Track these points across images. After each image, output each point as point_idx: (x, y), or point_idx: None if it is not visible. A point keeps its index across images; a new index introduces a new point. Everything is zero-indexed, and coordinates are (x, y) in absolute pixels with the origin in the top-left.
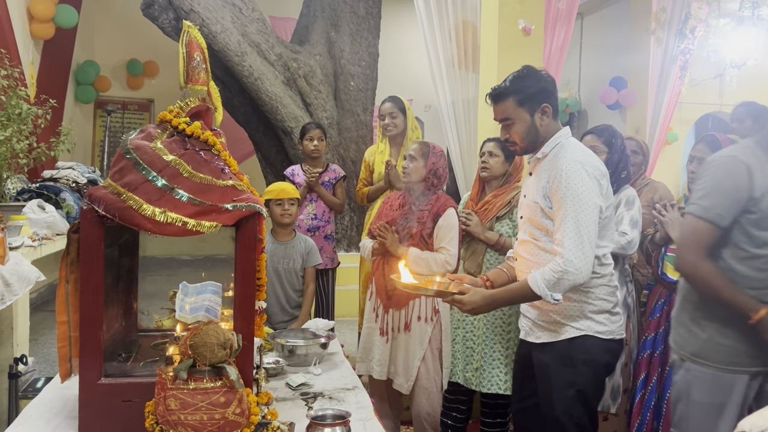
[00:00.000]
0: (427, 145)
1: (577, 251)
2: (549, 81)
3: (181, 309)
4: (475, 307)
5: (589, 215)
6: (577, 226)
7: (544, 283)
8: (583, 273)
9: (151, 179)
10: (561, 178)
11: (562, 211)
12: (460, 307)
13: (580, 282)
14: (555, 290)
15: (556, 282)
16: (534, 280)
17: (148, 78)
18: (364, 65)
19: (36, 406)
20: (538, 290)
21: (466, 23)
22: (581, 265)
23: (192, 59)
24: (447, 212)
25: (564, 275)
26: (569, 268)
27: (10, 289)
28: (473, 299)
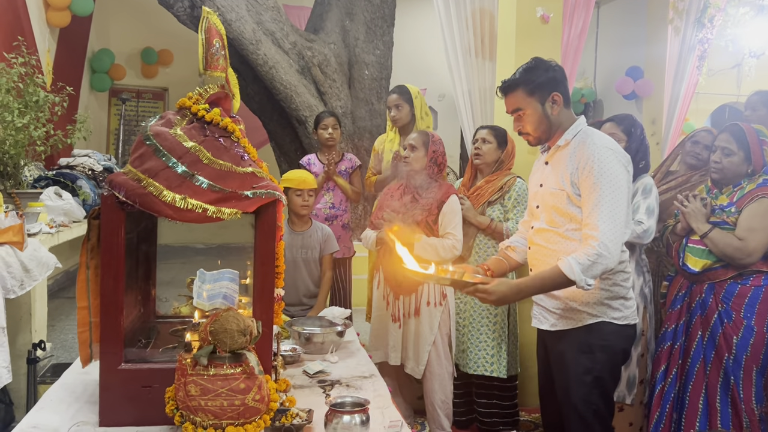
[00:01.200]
0: (427, 134)
1: (611, 235)
2: (558, 70)
3: (199, 296)
4: (501, 296)
5: (622, 200)
6: (611, 211)
7: (579, 268)
8: (615, 257)
9: (171, 166)
10: (593, 164)
11: (595, 195)
12: (484, 296)
13: (611, 267)
14: (589, 275)
15: (590, 266)
16: (568, 265)
17: (163, 66)
18: (379, 54)
19: (57, 390)
20: (572, 275)
21: (484, 11)
22: (615, 249)
23: (211, 45)
24: (450, 199)
25: (599, 259)
26: (604, 251)
27: (30, 274)
28: (500, 289)
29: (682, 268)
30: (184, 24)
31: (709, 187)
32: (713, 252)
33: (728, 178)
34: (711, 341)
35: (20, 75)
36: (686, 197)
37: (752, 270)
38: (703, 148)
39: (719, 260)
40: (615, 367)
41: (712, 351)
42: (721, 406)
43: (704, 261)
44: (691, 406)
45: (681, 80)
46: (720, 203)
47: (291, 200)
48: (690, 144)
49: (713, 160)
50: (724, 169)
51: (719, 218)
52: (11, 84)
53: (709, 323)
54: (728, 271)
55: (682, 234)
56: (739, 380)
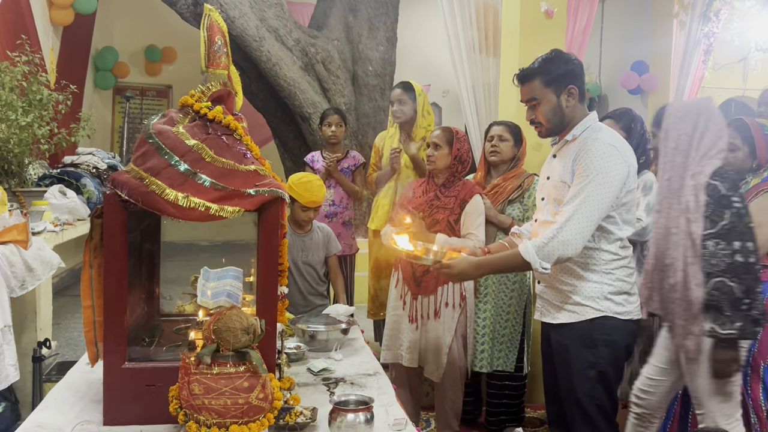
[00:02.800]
0: (451, 131)
1: (576, 225)
2: (576, 64)
3: (203, 294)
4: (461, 271)
5: (605, 197)
6: (588, 203)
7: (534, 249)
8: (572, 246)
9: (173, 164)
10: (590, 155)
11: (580, 184)
12: (447, 273)
13: (568, 255)
14: (542, 256)
15: (543, 246)
16: (524, 247)
17: (167, 64)
18: (383, 50)
19: (61, 389)
20: (527, 256)
21: (488, 6)
22: (573, 237)
23: (213, 43)
24: (474, 198)
25: (552, 241)
26: (560, 236)
27: (33, 273)
28: (461, 265)
29: None
30: (187, 21)
31: None
32: None
33: None
34: None
35: (24, 73)
36: None
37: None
38: None
39: None
40: (618, 362)
41: None
42: None
43: None
44: None
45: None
46: None
47: (295, 211)
48: None
49: None
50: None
51: None
52: (15, 82)
53: None
54: None
55: None
56: (747, 376)
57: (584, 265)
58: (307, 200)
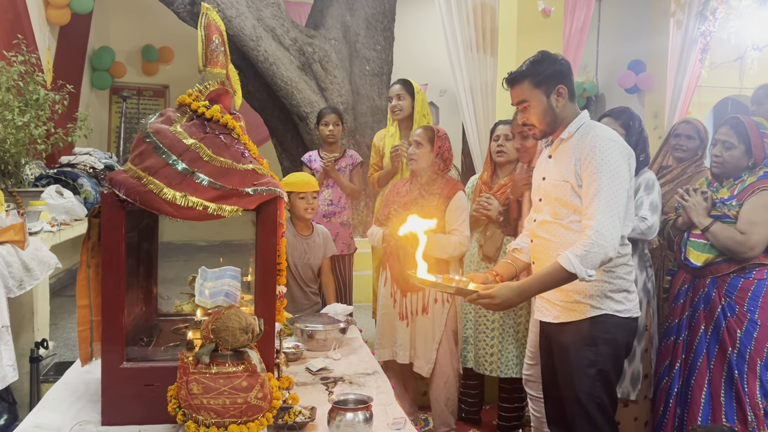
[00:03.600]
0: (432, 129)
1: (608, 224)
2: (564, 64)
3: (201, 294)
4: (505, 300)
5: (622, 192)
6: (609, 201)
7: (578, 260)
8: (612, 246)
9: (171, 163)
10: (594, 154)
11: (594, 185)
12: (488, 303)
13: (610, 256)
14: (587, 265)
15: (586, 255)
16: (567, 259)
17: (163, 64)
18: (380, 49)
19: (59, 389)
20: (572, 268)
21: (485, 5)
22: (611, 238)
23: (211, 42)
24: (457, 195)
25: (593, 247)
26: (599, 240)
27: (31, 273)
28: (503, 293)
29: (684, 263)
30: (184, 21)
31: (709, 181)
32: (715, 246)
33: (729, 172)
34: (715, 335)
35: (20, 73)
36: (687, 191)
37: (755, 263)
38: (686, 139)
39: (721, 254)
40: (618, 360)
41: (716, 345)
42: (725, 400)
43: (706, 255)
44: (694, 401)
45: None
46: (721, 196)
47: (294, 204)
48: (673, 138)
49: (714, 154)
50: (724, 162)
51: (720, 212)
52: (11, 82)
53: (713, 317)
54: (731, 264)
55: (683, 228)
56: (744, 374)
57: None
58: (300, 185)
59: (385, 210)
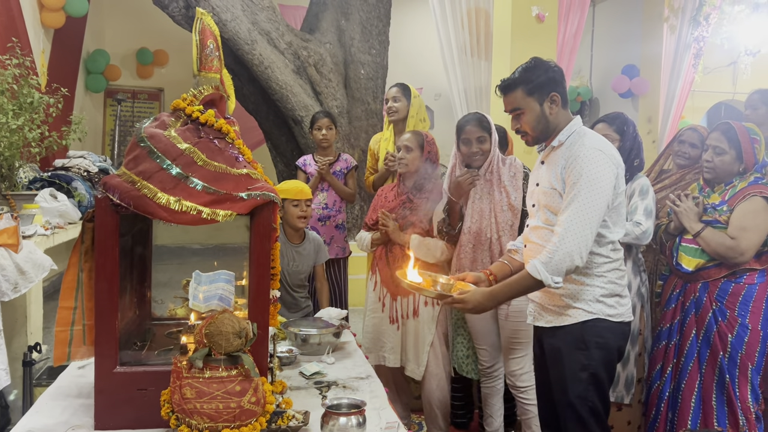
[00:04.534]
0: (421, 134)
1: (576, 233)
2: (557, 71)
3: (195, 298)
4: (477, 304)
5: (598, 202)
6: (583, 210)
7: (543, 266)
8: (578, 254)
9: (165, 168)
10: (578, 161)
11: (572, 193)
12: (462, 307)
13: (576, 264)
14: (552, 272)
15: (549, 261)
16: (533, 266)
17: (158, 67)
18: (375, 53)
19: (51, 393)
20: (537, 275)
21: (479, 10)
22: (577, 246)
23: (205, 47)
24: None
25: (556, 254)
26: (563, 247)
27: (25, 277)
28: (475, 298)
29: (675, 268)
30: (179, 24)
31: (701, 186)
32: (706, 251)
33: (720, 177)
34: (706, 340)
35: (14, 76)
36: (678, 196)
37: (745, 268)
38: (690, 146)
39: (712, 259)
40: (611, 364)
41: (707, 350)
42: (716, 404)
43: (698, 260)
44: (684, 405)
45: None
46: (712, 202)
47: (287, 211)
48: (677, 144)
49: (705, 159)
50: (715, 167)
51: (711, 217)
52: (5, 85)
53: (704, 322)
54: (722, 269)
55: (675, 233)
56: (735, 378)
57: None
58: (294, 192)
59: (373, 215)
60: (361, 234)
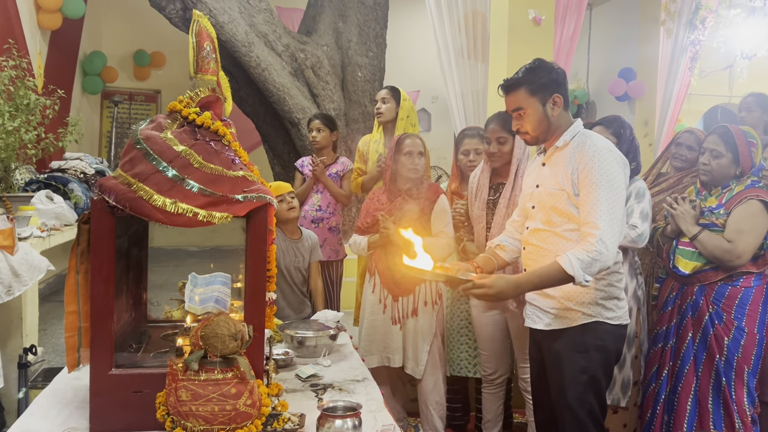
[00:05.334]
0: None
1: (610, 234)
2: (560, 72)
3: (191, 300)
4: (500, 291)
5: (620, 201)
6: (610, 210)
7: (579, 264)
8: (612, 256)
9: (161, 170)
10: (594, 163)
11: (594, 194)
12: (483, 293)
13: (608, 265)
14: (588, 272)
15: (590, 263)
16: (568, 261)
17: (155, 69)
18: (372, 56)
19: (47, 396)
20: (571, 270)
21: (476, 13)
22: (613, 247)
23: (202, 49)
24: (440, 198)
25: (599, 256)
26: (603, 249)
27: (20, 279)
28: (499, 284)
29: (672, 271)
30: (176, 26)
31: (698, 189)
32: (703, 254)
33: (717, 180)
34: (702, 343)
35: (11, 78)
36: (675, 199)
37: (742, 271)
38: (687, 149)
39: (709, 262)
40: (609, 367)
41: (704, 352)
42: (713, 407)
43: (694, 263)
44: (680, 407)
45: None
46: (709, 205)
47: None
48: (674, 147)
49: (702, 162)
50: (712, 170)
51: (708, 220)
52: (2, 87)
53: (701, 325)
54: (718, 272)
55: (671, 236)
56: (731, 381)
57: None
58: (275, 189)
59: (367, 218)
60: (355, 238)
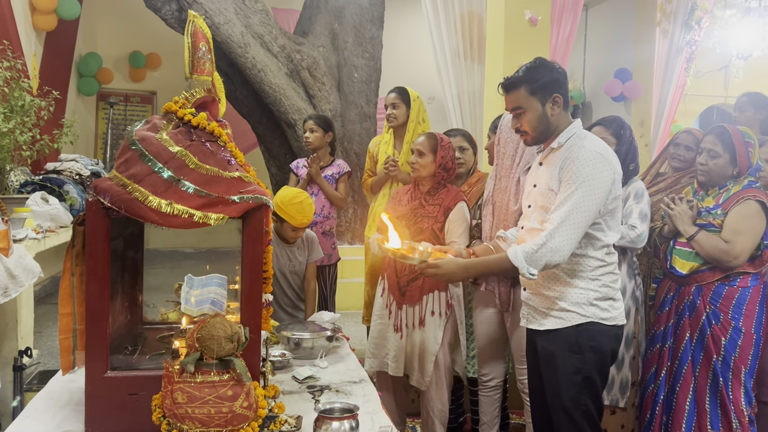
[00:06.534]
0: (435, 138)
1: (564, 232)
2: (561, 72)
3: (187, 302)
4: (448, 272)
5: (592, 204)
6: (575, 210)
7: (524, 255)
8: (561, 254)
9: (157, 171)
10: (576, 163)
11: (567, 192)
12: (434, 272)
13: (556, 261)
14: (532, 263)
15: (533, 254)
16: (513, 251)
17: (151, 70)
18: (368, 57)
19: (42, 398)
20: (516, 261)
21: (472, 14)
22: (562, 245)
23: (197, 49)
24: (458, 206)
25: (542, 249)
26: (550, 243)
27: (15, 281)
28: (449, 266)
29: (669, 271)
30: (171, 27)
31: (695, 189)
32: (700, 254)
33: (714, 180)
34: (700, 343)
35: (5, 79)
36: (672, 200)
37: (739, 272)
38: (684, 149)
39: (706, 262)
40: (604, 368)
41: (701, 352)
42: (710, 407)
43: (691, 263)
44: (678, 408)
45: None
46: (706, 205)
47: (285, 229)
48: (672, 147)
49: (699, 162)
50: (710, 171)
51: (705, 220)
52: None
53: (698, 325)
54: (715, 273)
55: (669, 236)
56: (728, 381)
57: (571, 272)
58: (299, 222)
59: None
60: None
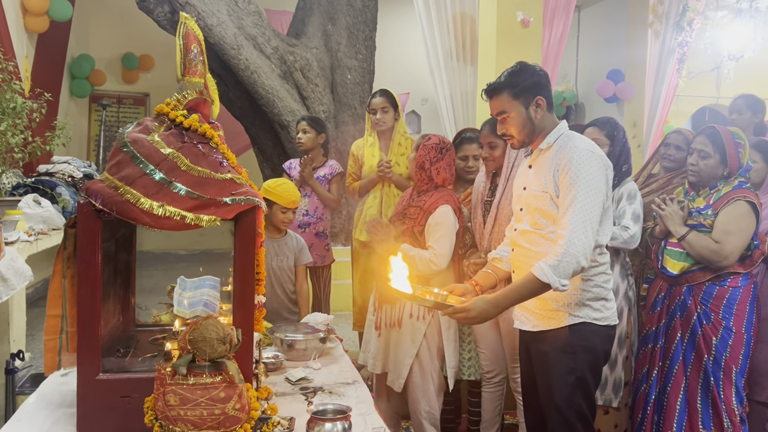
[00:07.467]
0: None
1: (580, 235)
2: (542, 75)
3: (180, 304)
4: (481, 312)
5: (596, 202)
6: (583, 211)
7: (550, 269)
8: (584, 256)
9: (148, 173)
10: (572, 164)
11: (570, 195)
12: (464, 317)
13: (582, 266)
14: (559, 275)
15: (557, 265)
16: (540, 269)
17: (144, 72)
18: (361, 58)
19: (34, 401)
20: (545, 278)
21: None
22: (583, 248)
23: (189, 51)
24: (438, 209)
25: (565, 257)
26: (571, 249)
27: (7, 284)
28: (478, 305)
29: (660, 271)
30: (164, 29)
31: (686, 190)
32: (690, 255)
33: (705, 181)
34: (691, 343)
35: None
36: (663, 200)
37: (729, 272)
38: (675, 149)
39: (697, 263)
40: (597, 368)
41: (692, 352)
42: (701, 407)
43: (682, 264)
44: (670, 407)
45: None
46: (697, 206)
47: (274, 213)
48: (663, 147)
49: (690, 163)
50: (700, 171)
51: (696, 221)
52: None
53: (689, 325)
54: (706, 273)
55: (660, 236)
56: (720, 381)
57: None
58: (286, 201)
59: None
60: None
